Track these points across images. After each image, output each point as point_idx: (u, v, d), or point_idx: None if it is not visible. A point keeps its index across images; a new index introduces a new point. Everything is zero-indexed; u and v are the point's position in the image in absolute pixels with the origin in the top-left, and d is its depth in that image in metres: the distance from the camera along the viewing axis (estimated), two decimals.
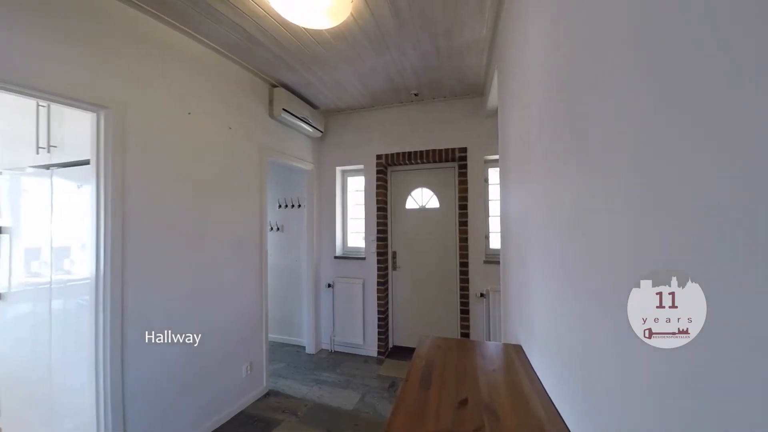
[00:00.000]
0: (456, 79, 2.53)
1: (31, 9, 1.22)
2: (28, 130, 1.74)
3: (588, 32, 0.59)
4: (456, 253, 3.02)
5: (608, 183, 0.51)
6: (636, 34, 0.43)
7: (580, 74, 0.63)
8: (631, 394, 0.46)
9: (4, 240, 1.85)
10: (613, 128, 0.50)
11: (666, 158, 0.38)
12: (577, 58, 0.64)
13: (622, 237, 0.48)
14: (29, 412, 1.77)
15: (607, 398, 0.53)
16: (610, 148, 0.51)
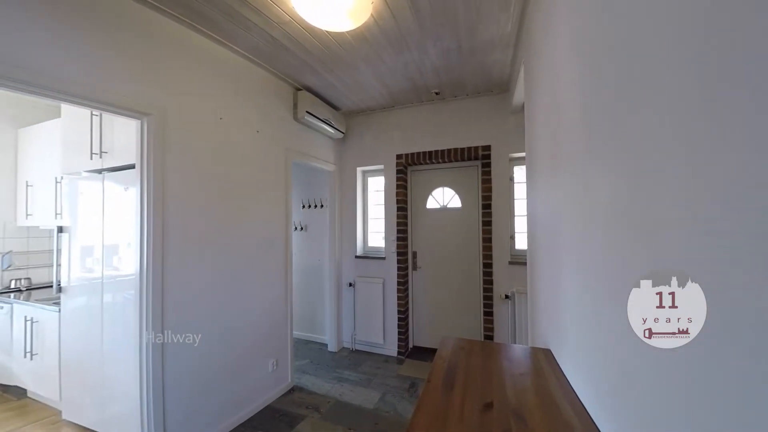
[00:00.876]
0: (479, 76, 2.48)
1: (85, 26, 1.33)
2: (84, 138, 1.90)
3: (630, 22, 0.55)
4: (479, 253, 2.95)
5: (654, 177, 0.48)
6: (689, 21, 0.40)
7: (620, 68, 0.59)
8: (690, 414, 0.41)
9: (64, 239, 2.04)
10: (660, 122, 0.46)
11: (718, 155, 0.35)
12: (618, 50, 0.60)
13: (671, 236, 0.44)
14: (85, 397, 1.92)
15: (657, 416, 0.49)
16: (656, 142, 0.47)
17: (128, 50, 1.48)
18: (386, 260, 3.15)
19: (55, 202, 2.36)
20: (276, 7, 1.59)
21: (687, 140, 0.41)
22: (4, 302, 2.28)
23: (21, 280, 2.54)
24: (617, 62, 0.60)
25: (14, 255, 2.58)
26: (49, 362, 2.09)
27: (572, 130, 0.88)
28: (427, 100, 2.97)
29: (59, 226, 2.15)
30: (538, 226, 1.47)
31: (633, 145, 0.54)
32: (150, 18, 1.58)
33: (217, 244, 1.89)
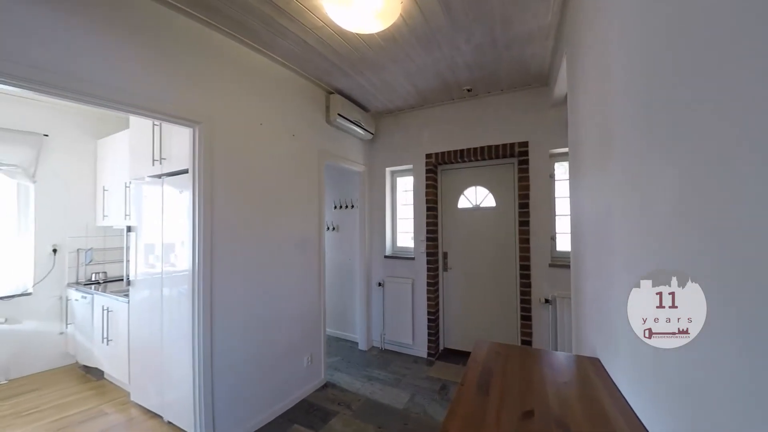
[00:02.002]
0: (515, 70, 2.37)
1: (149, 45, 1.49)
2: (147, 146, 2.13)
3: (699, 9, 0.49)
4: (516, 255, 2.81)
5: (736, 171, 0.41)
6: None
7: (692, 52, 0.53)
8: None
9: (132, 237, 2.32)
10: (741, 108, 0.41)
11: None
12: (686, 33, 0.54)
13: (750, 237, 0.39)
14: (148, 382, 2.15)
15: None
16: (740, 130, 0.41)
17: (182, 64, 1.63)
18: (415, 260, 3.13)
19: (124, 204, 2.68)
20: (309, 12, 1.65)
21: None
22: (86, 293, 2.64)
23: (99, 274, 2.93)
24: (683, 47, 0.54)
25: (94, 252, 2.99)
26: (120, 348, 2.35)
27: (626, 121, 0.80)
28: (459, 98, 2.90)
29: (128, 226, 2.44)
30: (584, 226, 1.36)
31: (709, 135, 0.48)
32: (199, 32, 1.72)
33: (257, 243, 2.01)
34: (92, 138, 3.03)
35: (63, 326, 2.82)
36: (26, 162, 2.63)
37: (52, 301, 2.79)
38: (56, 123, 2.83)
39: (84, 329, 2.68)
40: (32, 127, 2.69)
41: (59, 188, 2.85)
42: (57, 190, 2.84)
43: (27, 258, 2.70)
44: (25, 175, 2.63)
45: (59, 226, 2.84)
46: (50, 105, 2.76)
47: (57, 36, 1.22)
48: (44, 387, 2.49)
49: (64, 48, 1.23)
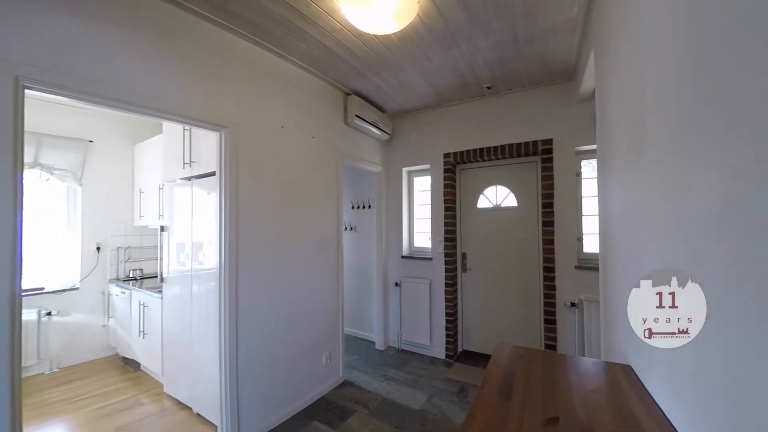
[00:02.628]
0: (538, 66, 2.29)
1: (179, 53, 1.57)
2: (178, 150, 2.26)
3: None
4: (539, 256, 2.71)
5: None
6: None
7: (748, 44, 0.49)
8: None
9: (165, 236, 2.47)
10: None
11: None
12: (744, 23, 0.50)
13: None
14: (179, 375, 2.26)
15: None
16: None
17: (208, 70, 1.71)
18: (433, 261, 3.11)
19: (158, 205, 2.86)
20: (327, 15, 1.68)
21: None
22: (125, 288, 2.85)
23: (136, 271, 3.14)
24: (738, 38, 0.50)
25: (132, 250, 3.21)
26: (155, 342, 2.48)
27: (665, 117, 0.75)
28: (478, 96, 2.84)
29: (161, 225, 2.60)
30: (613, 226, 1.29)
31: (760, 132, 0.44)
32: (224, 39, 1.79)
33: (278, 242, 2.08)
34: (130, 143, 3.26)
35: (105, 319, 3.06)
36: (74, 166, 2.88)
37: (95, 296, 3.03)
38: (99, 129, 3.06)
39: (123, 323, 2.88)
40: (79, 133, 2.93)
41: (102, 190, 3.08)
42: (100, 192, 3.07)
43: (74, 255, 2.95)
44: (73, 178, 2.88)
45: (102, 226, 3.08)
46: (94, 113, 2.99)
47: (105, 51, 1.32)
48: (89, 376, 2.71)
49: (109, 61, 1.33)
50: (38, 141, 2.66)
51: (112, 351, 3.07)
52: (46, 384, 2.56)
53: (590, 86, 1.98)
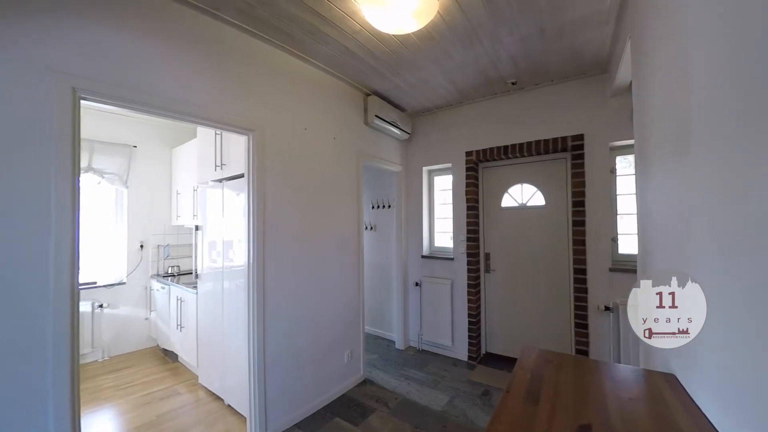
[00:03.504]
0: (567, 59, 2.18)
1: (211, 61, 1.66)
2: (210, 154, 2.39)
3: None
4: (568, 257, 2.58)
5: None
6: None
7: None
8: None
9: (199, 235, 2.62)
10: None
11: None
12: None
13: None
14: (212, 367, 2.37)
15: None
16: None
17: (237, 76, 1.78)
18: (455, 261, 3.06)
19: (193, 206, 3.04)
20: (349, 18, 1.70)
21: None
22: (164, 284, 3.07)
23: (174, 267, 3.37)
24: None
25: (170, 248, 3.44)
26: (190, 335, 2.61)
27: (718, 109, 0.69)
28: (502, 92, 2.76)
29: (196, 225, 2.76)
30: (655, 226, 1.20)
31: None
32: (251, 45, 1.85)
33: (301, 241, 2.14)
34: (168, 147, 3.50)
35: (148, 313, 3.31)
36: (121, 170, 3.14)
37: (139, 290, 3.29)
38: (142, 135, 3.31)
39: (163, 316, 3.10)
40: (125, 139, 3.19)
41: (144, 192, 3.34)
42: (142, 194, 3.33)
43: (121, 252, 3.22)
44: (120, 181, 3.14)
45: (144, 225, 3.33)
46: (137, 120, 3.24)
47: (148, 62, 1.43)
48: (135, 365, 2.95)
49: (152, 72, 1.44)
50: (91, 147, 2.93)
51: (153, 342, 3.32)
52: (99, 371, 2.82)
53: (626, 78, 1.86)
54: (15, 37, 1.11)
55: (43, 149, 1.15)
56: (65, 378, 1.18)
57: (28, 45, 1.13)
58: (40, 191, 1.14)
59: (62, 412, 1.17)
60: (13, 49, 1.10)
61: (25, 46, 1.12)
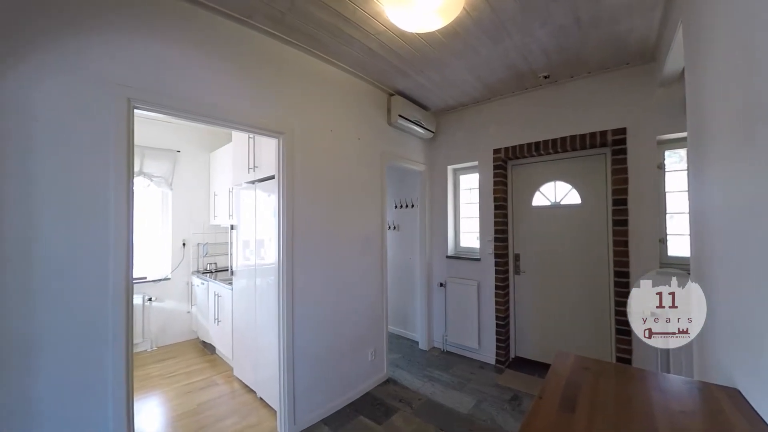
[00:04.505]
0: (607, 49, 2.03)
1: (241, 67, 1.74)
2: (244, 157, 2.51)
3: None
4: (608, 259, 2.41)
5: None
6: None
7: None
8: None
9: (234, 234, 2.78)
10: None
11: None
12: None
13: None
14: (246, 360, 2.47)
15: None
16: None
17: (267, 81, 1.86)
18: (481, 262, 2.97)
19: (228, 206, 3.21)
20: (372, 19, 1.71)
21: None
22: (203, 280, 3.29)
23: (212, 264, 3.61)
24: None
25: (208, 246, 3.68)
26: (226, 329, 2.73)
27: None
28: (533, 87, 2.63)
29: (231, 224, 2.93)
30: (713, 226, 1.09)
31: None
32: (279, 50, 1.90)
33: (327, 241, 2.18)
34: (207, 151, 3.74)
35: (189, 307, 3.57)
36: (167, 173, 3.41)
37: (182, 286, 3.56)
38: (184, 140, 3.57)
39: (202, 310, 3.32)
40: (170, 145, 3.45)
41: (185, 194, 3.60)
42: (184, 196, 3.59)
43: (166, 250, 3.50)
44: (166, 184, 3.42)
45: (186, 225, 3.60)
46: (180, 126, 3.49)
47: (192, 72, 1.54)
48: (178, 356, 3.18)
49: (195, 81, 1.55)
50: (142, 153, 3.22)
51: (194, 335, 3.57)
52: (148, 360, 3.05)
53: (677, 66, 1.70)
54: (81, 53, 1.23)
55: (103, 156, 1.27)
56: (122, 364, 1.29)
57: (92, 60, 1.26)
58: (100, 194, 1.26)
59: (119, 395, 1.29)
60: (78, 65, 1.23)
61: (89, 62, 1.25)
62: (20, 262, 1.11)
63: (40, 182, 1.15)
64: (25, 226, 1.12)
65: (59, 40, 1.19)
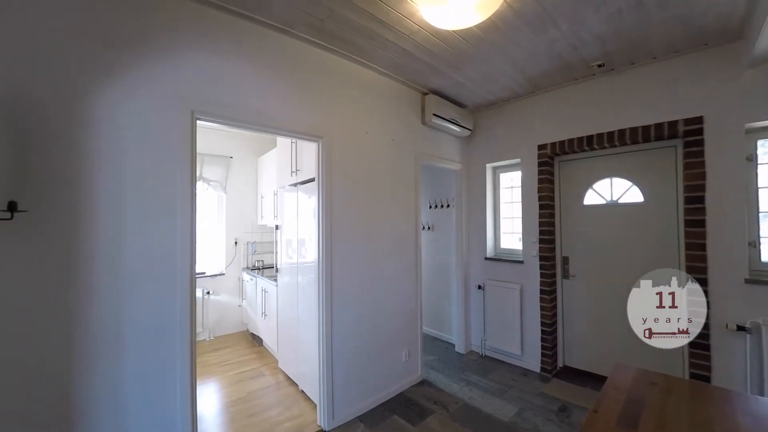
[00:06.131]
0: (676, 31, 1.79)
1: (285, 75, 1.84)
2: (287, 161, 2.65)
3: None
4: (679, 264, 2.14)
5: None
6: None
7: None
8: None
9: (279, 234, 2.96)
10: None
11: None
12: None
13: None
14: (289, 353, 2.59)
15: None
16: None
17: (308, 87, 1.94)
18: (524, 264, 2.80)
19: (273, 207, 3.43)
20: (406, 19, 1.70)
21: None
22: (252, 276, 3.56)
23: (259, 261, 3.90)
24: None
25: (256, 244, 3.98)
26: (272, 322, 2.90)
27: None
28: (584, 77, 2.40)
29: (276, 224, 3.12)
30: None
31: None
32: (318, 56, 1.97)
33: (363, 241, 2.23)
34: (255, 156, 4.04)
35: (240, 301, 3.90)
36: (222, 178, 3.77)
37: (234, 281, 3.89)
38: (235, 147, 3.90)
39: (251, 304, 3.59)
40: (223, 151, 3.80)
41: (236, 196, 3.93)
42: (235, 198, 3.92)
43: (221, 248, 3.86)
44: (221, 187, 3.77)
45: (237, 225, 3.93)
46: (232, 134, 3.81)
47: (245, 84, 1.68)
48: (231, 346, 3.42)
49: (247, 92, 1.69)
50: (201, 159, 3.58)
51: (244, 327, 3.83)
52: (207, 348, 3.33)
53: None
54: (157, 72, 1.40)
55: (171, 163, 1.44)
56: (187, 351, 1.45)
57: (165, 78, 1.43)
58: (169, 197, 1.43)
59: (185, 379, 1.45)
60: (154, 82, 1.40)
61: (162, 79, 1.42)
62: (110, 261, 1.30)
63: (126, 187, 1.33)
64: (114, 227, 1.31)
65: (142, 62, 1.37)
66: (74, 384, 1.21)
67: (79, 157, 1.24)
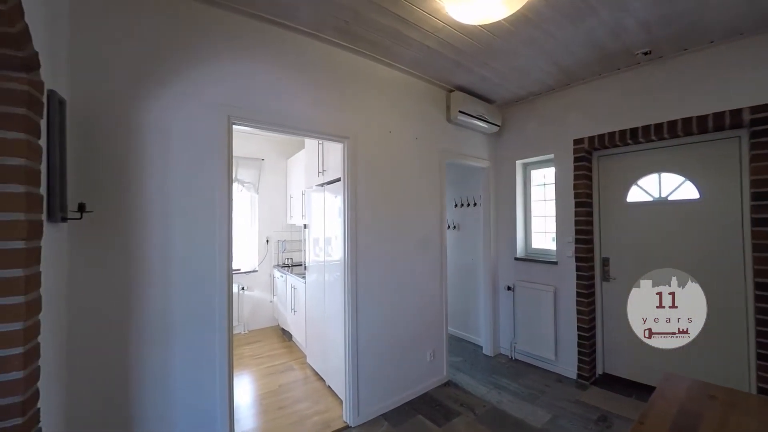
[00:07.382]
0: (737, 10, 1.61)
1: (311, 78, 1.87)
2: (314, 162, 2.74)
3: None
4: (743, 267, 1.95)
5: None
6: None
7: None
8: None
9: (307, 233, 3.06)
10: None
11: None
12: None
13: None
14: (317, 349, 2.69)
15: None
16: None
17: (334, 89, 1.99)
18: (559, 265, 2.66)
19: (301, 207, 3.55)
20: (431, 17, 1.68)
21: None
22: (282, 273, 3.72)
23: (289, 259, 4.06)
24: None
25: (286, 243, 4.14)
26: (300, 318, 2.99)
27: None
28: (627, 66, 2.23)
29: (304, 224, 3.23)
30: None
31: None
32: (344, 58, 2.01)
33: (387, 240, 2.24)
34: (284, 158, 4.21)
35: (271, 296, 4.08)
36: (255, 179, 3.97)
37: (266, 278, 4.09)
38: (266, 149, 4.09)
39: (282, 300, 3.75)
40: (256, 154, 4.00)
41: (267, 196, 4.12)
42: (267, 198, 4.11)
43: (254, 246, 4.07)
44: (254, 188, 3.98)
45: (268, 224, 4.12)
46: (264, 137, 3.99)
47: (276, 90, 1.75)
48: (263, 340, 3.57)
49: (280, 97, 1.77)
50: (236, 162, 3.78)
51: (275, 322, 4.03)
52: (242, 341, 3.48)
53: None
54: (199, 81, 1.52)
55: (210, 165, 1.54)
56: (225, 342, 1.55)
57: (205, 86, 1.53)
58: (209, 198, 1.53)
59: (223, 368, 1.54)
60: (197, 91, 1.51)
61: (203, 87, 1.52)
62: (160, 258, 1.42)
63: (172, 188, 1.45)
64: (163, 226, 1.43)
65: (187, 72, 1.49)
66: (131, 370, 1.34)
67: (134, 161, 1.37)
